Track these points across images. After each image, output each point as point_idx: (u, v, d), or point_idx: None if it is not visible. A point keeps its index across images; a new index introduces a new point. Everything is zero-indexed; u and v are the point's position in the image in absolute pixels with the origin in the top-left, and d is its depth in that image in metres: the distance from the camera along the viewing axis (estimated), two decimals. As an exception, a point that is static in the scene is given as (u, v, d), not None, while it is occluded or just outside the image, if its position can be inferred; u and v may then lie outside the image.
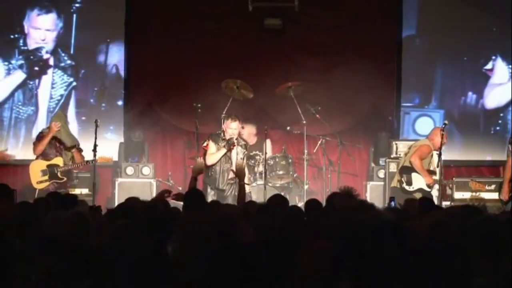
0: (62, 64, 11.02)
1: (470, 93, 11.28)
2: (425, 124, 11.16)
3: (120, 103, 11.14)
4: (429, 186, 9.07)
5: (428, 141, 9.20)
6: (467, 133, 11.24)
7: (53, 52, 11.01)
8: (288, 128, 10.33)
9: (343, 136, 10.57)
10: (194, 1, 11.04)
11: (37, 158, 9.33)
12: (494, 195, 9.44)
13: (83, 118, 11.00)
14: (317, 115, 10.15)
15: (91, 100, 11.14)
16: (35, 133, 10.07)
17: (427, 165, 9.15)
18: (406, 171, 9.17)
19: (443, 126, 8.93)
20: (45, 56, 11.00)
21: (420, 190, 9.05)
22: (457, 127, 11.16)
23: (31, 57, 10.95)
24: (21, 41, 10.97)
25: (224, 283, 3.42)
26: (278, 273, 3.41)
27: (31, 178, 9.24)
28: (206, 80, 10.69)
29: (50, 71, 11.00)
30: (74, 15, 11.01)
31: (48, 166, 9.25)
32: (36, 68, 10.98)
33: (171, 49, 11.00)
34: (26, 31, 10.97)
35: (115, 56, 11.08)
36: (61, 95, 11.01)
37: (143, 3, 11.09)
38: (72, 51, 11.03)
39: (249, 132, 9.92)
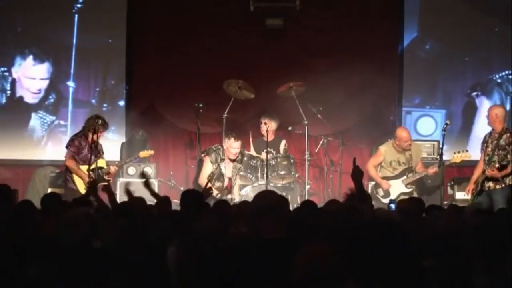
0: (46, 103, 10.99)
1: (472, 93, 11.26)
2: (427, 124, 11.16)
3: (121, 103, 11.14)
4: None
5: (382, 146, 9.41)
6: (468, 133, 11.21)
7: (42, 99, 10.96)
8: (290, 128, 10.30)
9: (344, 136, 10.56)
10: (195, 1, 11.04)
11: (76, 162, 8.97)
12: None
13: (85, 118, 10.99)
14: (319, 115, 10.14)
15: (93, 101, 11.15)
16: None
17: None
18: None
19: (445, 126, 8.90)
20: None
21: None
22: (458, 126, 11.14)
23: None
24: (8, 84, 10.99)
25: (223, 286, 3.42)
26: (277, 275, 3.41)
27: (78, 185, 8.89)
28: (208, 80, 10.71)
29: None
30: (76, 16, 11.02)
31: (92, 170, 8.82)
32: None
33: (173, 49, 11.01)
34: (14, 75, 10.93)
35: (116, 57, 11.09)
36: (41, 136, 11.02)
37: (144, 3, 11.10)
38: (73, 53, 11.03)
39: (270, 128, 9.74)
